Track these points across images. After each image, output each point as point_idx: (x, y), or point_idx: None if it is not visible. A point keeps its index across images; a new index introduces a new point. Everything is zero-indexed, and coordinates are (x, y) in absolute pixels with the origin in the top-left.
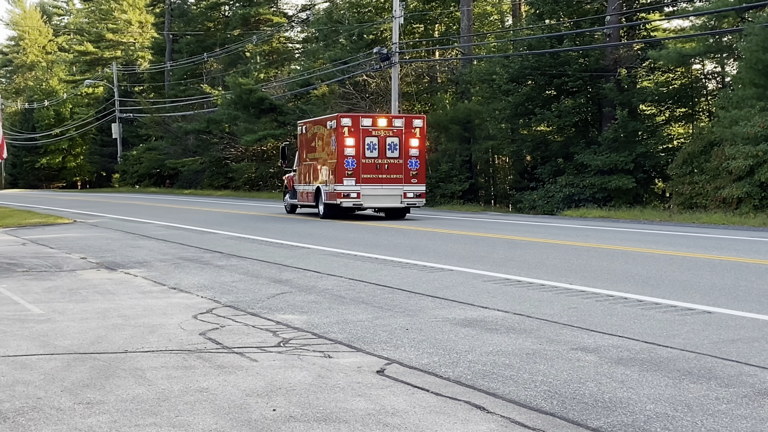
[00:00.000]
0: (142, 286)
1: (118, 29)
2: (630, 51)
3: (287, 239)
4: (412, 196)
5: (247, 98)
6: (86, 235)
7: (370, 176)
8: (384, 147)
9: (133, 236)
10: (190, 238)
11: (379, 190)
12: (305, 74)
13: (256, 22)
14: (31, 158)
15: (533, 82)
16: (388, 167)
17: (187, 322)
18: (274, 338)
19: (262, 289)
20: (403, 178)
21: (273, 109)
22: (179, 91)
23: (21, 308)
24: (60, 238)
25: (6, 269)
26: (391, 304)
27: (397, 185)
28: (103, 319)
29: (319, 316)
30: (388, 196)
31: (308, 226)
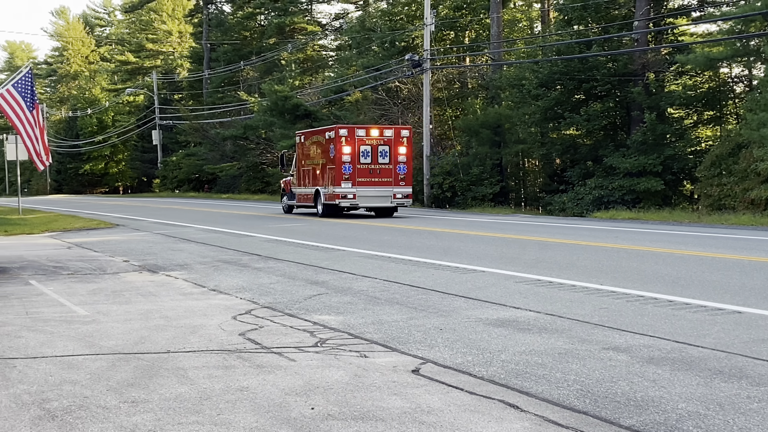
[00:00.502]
0: (183, 288)
1: (157, 39)
2: (658, 55)
3: (323, 242)
4: (401, 196)
5: (282, 105)
6: (128, 239)
7: (365, 179)
8: (376, 154)
9: (173, 239)
10: (228, 241)
11: (372, 191)
12: (339, 81)
13: (291, 31)
14: (74, 165)
15: (562, 86)
16: (380, 171)
17: (227, 323)
18: (312, 338)
19: (299, 291)
20: (393, 181)
21: (308, 115)
22: (217, 98)
23: (67, 310)
24: (103, 241)
25: (53, 272)
26: (425, 304)
27: (388, 187)
28: (145, 320)
29: (354, 317)
30: (380, 197)
31: (342, 228)
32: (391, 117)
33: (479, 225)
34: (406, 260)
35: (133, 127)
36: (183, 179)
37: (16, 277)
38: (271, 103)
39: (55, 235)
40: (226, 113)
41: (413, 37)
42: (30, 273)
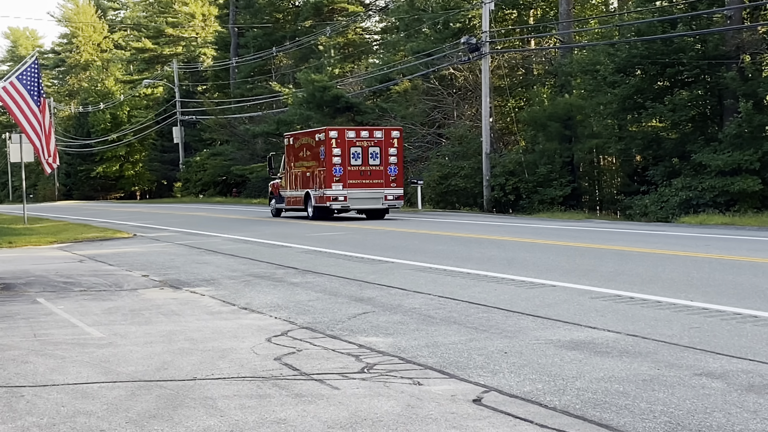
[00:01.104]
0: (210, 307)
1: (178, 23)
2: (755, 34)
3: (368, 252)
4: (392, 198)
5: (320, 96)
6: (148, 251)
7: (355, 181)
8: (367, 156)
9: (198, 251)
10: (260, 252)
11: (364, 193)
12: (385, 68)
13: (330, 12)
14: (86, 167)
15: (643, 72)
16: (371, 173)
17: (260, 346)
18: (357, 363)
19: (342, 309)
20: (384, 182)
21: (349, 108)
22: (246, 90)
23: (80, 331)
24: (119, 253)
25: (63, 289)
26: (487, 324)
27: (379, 189)
28: (168, 343)
29: (406, 339)
30: (371, 199)
31: (391, 238)
32: (445, 109)
33: (547, 232)
34: (464, 273)
35: (151, 124)
36: (208, 182)
37: (22, 295)
38: (308, 95)
39: (65, 247)
40: (257, 106)
41: (470, 17)
42: (37, 290)
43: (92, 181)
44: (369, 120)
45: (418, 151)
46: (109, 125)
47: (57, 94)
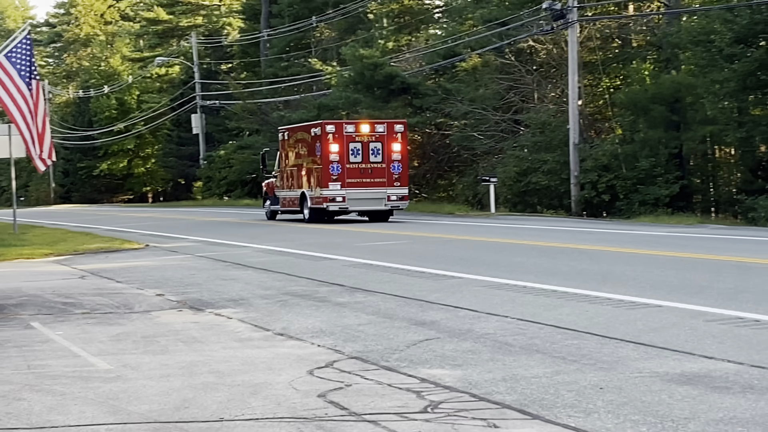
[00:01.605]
0: (238, 332)
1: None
2: None
3: (430, 265)
4: (396, 198)
5: (370, 76)
6: (163, 264)
7: (355, 180)
8: (367, 152)
9: (224, 265)
10: (299, 266)
11: (364, 193)
12: (449, 41)
13: None
14: (87, 163)
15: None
16: (372, 171)
17: (300, 380)
18: (419, 401)
19: (400, 335)
20: (387, 181)
21: (406, 90)
22: (279, 68)
23: (83, 362)
24: (129, 268)
25: (61, 311)
26: (578, 353)
27: (381, 188)
28: (189, 377)
29: (478, 371)
30: (372, 200)
31: (458, 247)
32: (523, 90)
33: (650, 240)
34: (549, 291)
35: (165, 111)
36: (234, 181)
37: (12, 318)
38: (356, 74)
39: (64, 260)
40: (293, 89)
41: None
42: (31, 312)
43: (95, 181)
44: (430, 104)
45: (491, 141)
46: (115, 113)
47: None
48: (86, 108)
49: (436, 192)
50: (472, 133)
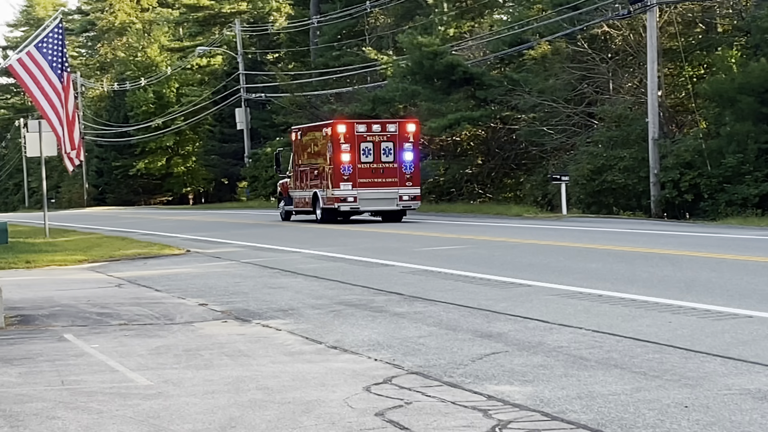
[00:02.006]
0: (288, 345)
1: None
2: None
3: (495, 272)
4: (408, 198)
5: (429, 65)
6: (206, 272)
7: (367, 180)
8: (379, 152)
9: (271, 272)
10: (353, 273)
11: (376, 193)
12: (515, 27)
13: None
14: (123, 162)
15: None
16: (384, 171)
17: (356, 397)
18: (486, 420)
19: (464, 348)
20: (398, 181)
21: (468, 81)
22: (331, 58)
23: (120, 377)
24: (169, 275)
25: (96, 322)
26: (659, 368)
27: (393, 188)
28: (235, 393)
29: (550, 387)
30: (384, 200)
31: (527, 253)
32: (597, 80)
33: (738, 244)
34: (627, 300)
35: (207, 105)
36: None
37: (45, 330)
38: (413, 64)
39: (99, 267)
40: (345, 80)
41: None
42: (65, 323)
43: (131, 181)
44: (495, 96)
45: (562, 136)
46: (153, 107)
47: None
48: (121, 102)
49: (502, 192)
50: (542, 127)
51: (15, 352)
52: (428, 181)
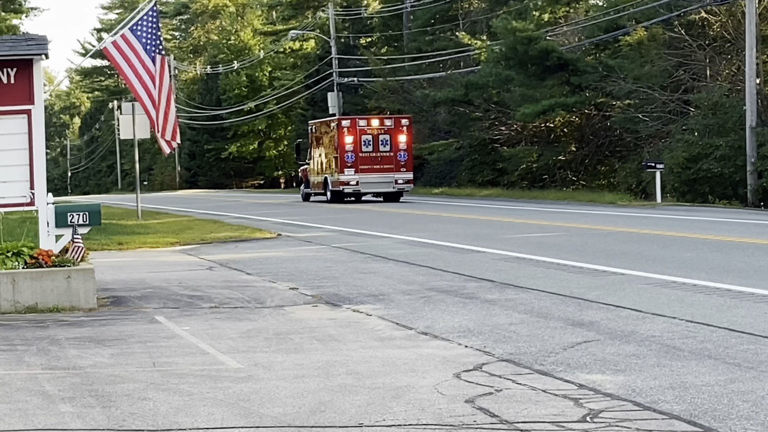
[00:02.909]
0: (378, 330)
1: None
2: None
3: (588, 260)
4: (402, 182)
5: (523, 51)
6: (296, 256)
7: (367, 167)
8: (377, 142)
9: (362, 257)
10: (444, 259)
11: (375, 178)
12: (611, 13)
13: None
14: (215, 145)
15: None
16: (381, 159)
17: (446, 384)
18: (577, 409)
19: (555, 336)
20: (394, 167)
21: (563, 67)
22: (424, 43)
23: (211, 360)
24: (259, 259)
25: (188, 304)
26: (754, 359)
27: (389, 174)
28: (325, 378)
29: (642, 377)
30: (382, 183)
31: (615, 241)
32: (694, 68)
33: None
34: (722, 290)
35: (299, 89)
36: None
37: (136, 311)
38: (507, 49)
39: (190, 250)
40: (438, 65)
41: None
42: (156, 305)
43: (223, 164)
44: (590, 82)
45: (657, 124)
46: (245, 90)
47: (178, 50)
48: (214, 85)
49: (596, 179)
50: (636, 114)
51: (107, 333)
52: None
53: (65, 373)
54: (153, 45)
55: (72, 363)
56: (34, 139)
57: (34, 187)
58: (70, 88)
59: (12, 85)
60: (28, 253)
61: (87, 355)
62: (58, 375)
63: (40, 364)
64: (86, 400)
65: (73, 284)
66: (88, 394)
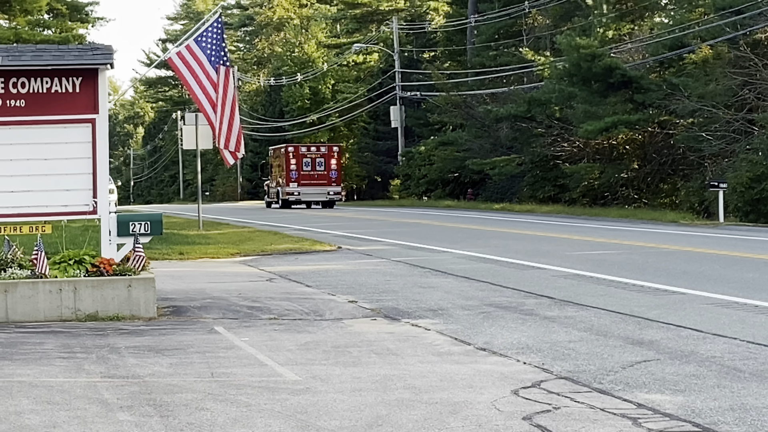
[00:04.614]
0: (436, 345)
1: None
2: None
3: (648, 279)
4: (333, 193)
5: (587, 67)
6: (356, 269)
7: (306, 182)
8: (315, 164)
9: (421, 271)
10: (504, 275)
11: (312, 190)
12: (676, 31)
13: None
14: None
15: None
16: (317, 176)
17: (503, 400)
18: (635, 428)
19: (614, 355)
20: (327, 182)
21: (626, 84)
22: (487, 58)
23: (269, 371)
24: (319, 271)
25: (247, 315)
26: None
27: (324, 187)
28: (383, 392)
29: (702, 398)
30: (318, 194)
31: (677, 260)
32: (759, 87)
33: None
34: None
35: (362, 102)
36: (434, 180)
37: (196, 321)
38: (571, 65)
39: (250, 261)
40: (501, 80)
41: None
42: (215, 315)
43: None
44: (653, 100)
45: (720, 143)
46: (308, 103)
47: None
48: (277, 97)
49: (657, 197)
50: (700, 133)
51: (166, 342)
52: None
53: (124, 382)
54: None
55: (131, 372)
56: (97, 148)
57: (97, 196)
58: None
59: (77, 94)
60: (90, 262)
61: (146, 364)
62: (117, 383)
63: (100, 372)
64: (144, 409)
65: (133, 293)
66: (147, 403)
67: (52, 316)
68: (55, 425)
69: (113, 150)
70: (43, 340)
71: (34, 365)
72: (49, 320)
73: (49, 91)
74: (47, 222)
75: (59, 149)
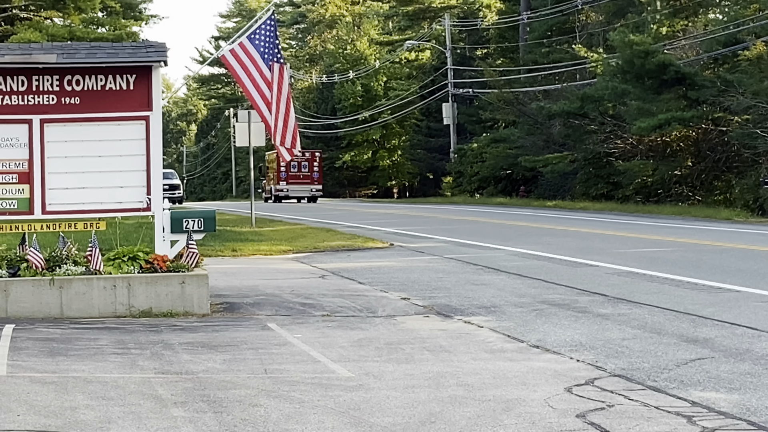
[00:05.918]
0: (489, 342)
1: None
2: None
3: (703, 276)
4: (315, 190)
5: (641, 64)
6: (408, 266)
7: (294, 181)
8: (300, 166)
9: (474, 268)
10: (557, 272)
11: (298, 188)
12: (731, 27)
13: None
14: (329, 154)
15: None
16: (302, 177)
17: (557, 398)
18: (690, 427)
19: (669, 352)
20: (310, 181)
21: (680, 80)
22: (540, 55)
23: (322, 368)
24: (371, 268)
25: (300, 312)
26: None
27: (307, 185)
28: (435, 389)
29: (757, 396)
30: (303, 191)
31: (733, 257)
32: None
33: None
34: None
35: (414, 99)
36: (486, 177)
37: (249, 318)
38: (624, 62)
39: (303, 257)
40: (554, 77)
41: None
42: (268, 312)
43: (337, 173)
44: (707, 97)
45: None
46: (360, 100)
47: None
48: (329, 94)
49: (711, 195)
50: (754, 129)
51: (220, 338)
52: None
53: (178, 378)
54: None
55: (184, 368)
56: (151, 145)
57: (151, 192)
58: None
59: (131, 91)
60: (144, 258)
61: (199, 361)
62: (171, 379)
63: (154, 368)
64: (198, 405)
65: (187, 289)
66: (200, 399)
67: (107, 312)
68: (109, 420)
69: (166, 147)
70: (97, 336)
71: (89, 361)
72: (104, 316)
73: (104, 89)
74: (101, 219)
75: (113, 146)
